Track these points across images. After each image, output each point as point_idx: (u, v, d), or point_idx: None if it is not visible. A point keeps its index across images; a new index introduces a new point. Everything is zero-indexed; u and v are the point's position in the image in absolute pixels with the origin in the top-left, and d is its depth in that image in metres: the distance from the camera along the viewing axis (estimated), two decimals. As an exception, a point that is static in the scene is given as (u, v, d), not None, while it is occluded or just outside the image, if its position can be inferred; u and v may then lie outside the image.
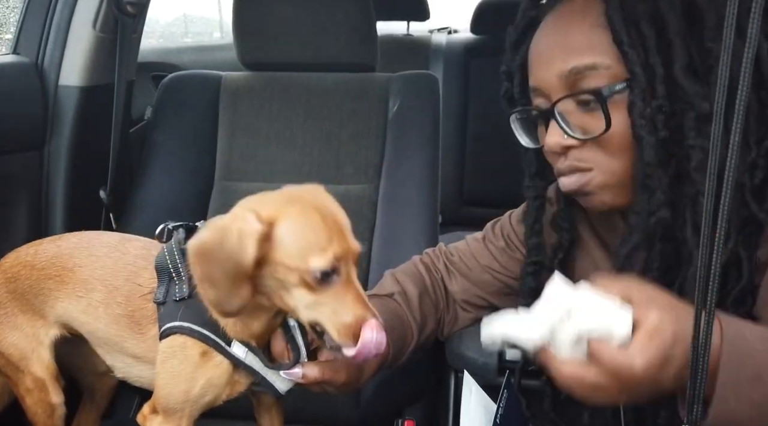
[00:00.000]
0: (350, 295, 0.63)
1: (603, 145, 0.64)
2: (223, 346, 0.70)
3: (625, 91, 0.61)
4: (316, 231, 0.63)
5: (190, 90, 1.35)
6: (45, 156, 1.21)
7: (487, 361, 0.84)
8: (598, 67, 0.62)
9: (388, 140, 1.27)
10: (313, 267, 0.61)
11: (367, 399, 1.12)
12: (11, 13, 1.61)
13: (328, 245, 0.62)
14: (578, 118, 0.64)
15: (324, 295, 0.63)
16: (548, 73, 0.65)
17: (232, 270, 0.62)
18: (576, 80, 0.63)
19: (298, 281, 0.63)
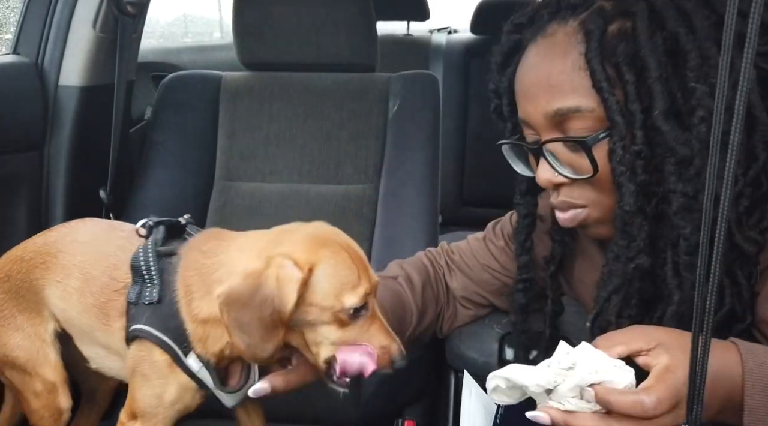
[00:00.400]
0: (375, 326, 0.67)
1: (593, 184, 0.64)
2: (179, 355, 0.70)
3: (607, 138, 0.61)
4: (348, 271, 0.65)
5: (190, 90, 1.35)
6: (45, 156, 1.21)
7: (487, 361, 0.84)
8: (583, 109, 0.61)
9: (388, 140, 1.27)
10: (348, 305, 0.64)
11: (367, 399, 1.12)
12: (11, 13, 1.62)
13: (359, 283, 0.65)
14: (567, 156, 0.65)
15: (351, 330, 0.65)
16: (534, 111, 0.65)
17: (268, 317, 0.62)
18: (561, 121, 0.63)
19: (330, 319, 0.65)
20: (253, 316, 0.63)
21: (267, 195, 1.28)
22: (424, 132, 1.26)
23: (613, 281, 0.64)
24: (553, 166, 0.65)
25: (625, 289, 0.63)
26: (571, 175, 0.64)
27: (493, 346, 0.85)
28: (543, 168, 0.66)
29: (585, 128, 0.62)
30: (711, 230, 0.47)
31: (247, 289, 0.63)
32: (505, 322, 0.88)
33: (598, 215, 0.66)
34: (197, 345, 0.70)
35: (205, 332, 0.70)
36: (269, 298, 0.62)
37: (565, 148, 0.64)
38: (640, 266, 0.61)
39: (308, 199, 1.27)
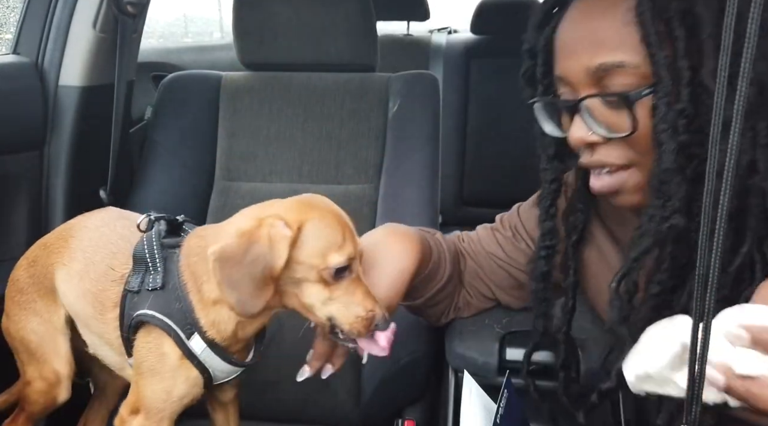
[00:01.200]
0: (360, 290, 0.69)
1: (630, 144, 0.62)
2: (181, 336, 0.72)
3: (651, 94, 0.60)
4: (334, 232, 0.68)
5: (190, 90, 1.35)
6: (45, 156, 1.21)
7: (487, 361, 0.84)
8: (627, 65, 0.60)
9: (388, 140, 1.27)
10: (332, 263, 0.67)
11: (367, 399, 1.12)
12: (11, 13, 1.62)
13: (344, 244, 0.68)
14: (604, 114, 0.63)
15: (337, 290, 0.68)
16: (575, 65, 0.64)
17: (259, 274, 0.65)
18: (603, 76, 0.61)
19: (316, 278, 0.68)
20: (245, 273, 0.65)
21: (267, 195, 1.27)
22: (424, 132, 1.26)
23: (645, 241, 0.61)
24: (588, 124, 0.63)
25: (657, 251, 0.61)
26: (607, 134, 0.62)
27: (493, 346, 0.84)
28: (577, 126, 0.64)
29: (626, 85, 0.60)
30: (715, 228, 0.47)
31: (240, 246, 0.66)
32: (506, 322, 0.88)
33: (636, 180, 0.64)
34: (210, 329, 0.72)
35: (217, 314, 0.72)
36: (261, 255, 0.65)
37: (602, 105, 0.62)
38: (674, 227, 0.59)
39: (308, 199, 1.27)
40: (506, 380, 0.73)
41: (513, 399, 0.72)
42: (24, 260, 0.90)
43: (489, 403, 0.75)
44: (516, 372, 0.81)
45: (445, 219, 2.09)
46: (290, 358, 1.18)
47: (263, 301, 0.66)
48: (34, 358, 0.87)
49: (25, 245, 1.19)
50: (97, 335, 0.81)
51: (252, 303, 0.66)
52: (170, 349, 0.73)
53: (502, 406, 0.70)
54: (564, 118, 0.70)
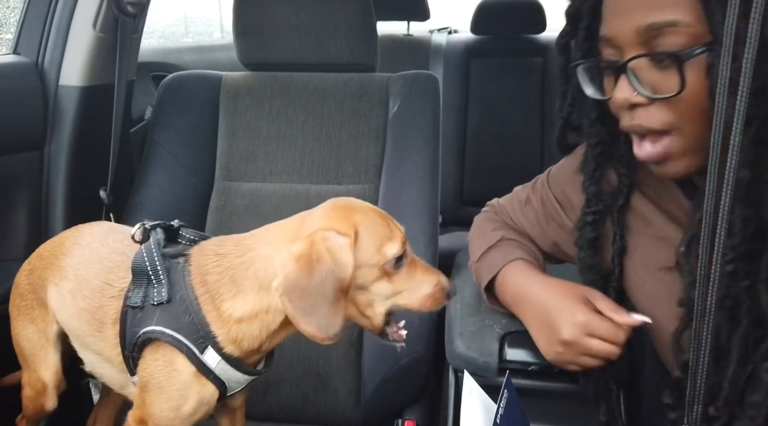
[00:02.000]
0: (419, 269, 0.71)
1: (673, 105, 0.61)
2: (194, 351, 0.69)
3: (704, 53, 0.58)
4: (382, 226, 0.69)
5: (190, 90, 1.35)
6: (45, 156, 1.21)
7: (487, 361, 0.83)
8: (679, 24, 0.59)
9: (388, 140, 1.27)
10: (391, 254, 0.67)
11: (367, 399, 1.12)
12: (11, 14, 1.62)
13: (393, 234, 0.69)
14: (650, 74, 0.62)
15: (399, 280, 0.69)
16: (624, 25, 0.62)
17: (331, 291, 0.64)
18: (653, 36, 0.60)
19: (379, 275, 0.68)
20: (317, 296, 0.63)
21: (267, 195, 1.28)
22: (424, 132, 1.26)
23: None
24: (634, 85, 0.62)
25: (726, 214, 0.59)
26: (652, 95, 0.61)
27: (493, 346, 0.84)
28: (621, 86, 0.63)
29: (676, 44, 0.59)
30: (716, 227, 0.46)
31: (303, 271, 0.63)
32: (505, 322, 0.88)
33: (683, 143, 0.62)
34: (229, 345, 0.70)
35: (240, 331, 0.69)
36: (328, 272, 0.63)
37: (650, 66, 0.61)
38: (740, 180, 0.56)
39: (308, 199, 1.27)
40: (506, 380, 0.73)
41: (513, 399, 0.72)
42: (26, 265, 0.91)
43: (489, 403, 0.75)
44: (516, 372, 0.81)
45: (445, 219, 2.09)
46: (291, 359, 1.18)
47: (341, 317, 0.65)
48: (26, 364, 0.87)
49: (25, 245, 1.20)
50: (95, 353, 0.79)
51: (332, 323, 0.64)
52: (183, 365, 0.69)
53: (502, 406, 0.69)
54: (607, 80, 0.68)
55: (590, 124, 0.75)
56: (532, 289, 0.80)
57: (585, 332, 0.72)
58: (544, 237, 0.91)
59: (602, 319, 0.72)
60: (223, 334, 0.69)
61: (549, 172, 0.93)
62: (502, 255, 0.87)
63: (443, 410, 0.97)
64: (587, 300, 0.75)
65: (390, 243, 0.68)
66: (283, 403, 1.17)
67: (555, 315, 0.75)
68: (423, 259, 1.12)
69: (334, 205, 0.73)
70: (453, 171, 2.20)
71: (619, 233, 0.78)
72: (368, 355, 1.13)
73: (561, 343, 0.73)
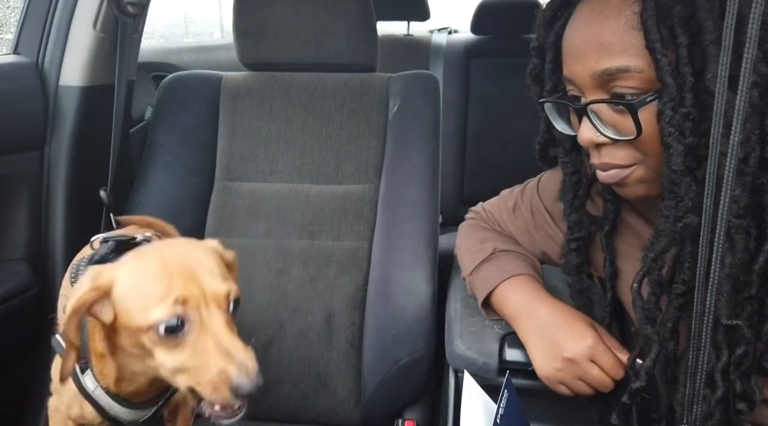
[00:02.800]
0: (209, 344, 0.55)
1: (636, 145, 0.64)
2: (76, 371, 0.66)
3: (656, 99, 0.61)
4: (151, 279, 0.56)
5: (190, 90, 1.35)
6: (45, 156, 1.21)
7: (487, 361, 0.83)
8: (631, 70, 0.61)
9: (389, 140, 1.27)
10: (155, 319, 0.54)
11: (367, 399, 1.12)
12: (12, 14, 1.62)
13: (168, 290, 0.55)
14: (610, 116, 0.65)
15: (184, 352, 0.56)
16: (581, 69, 0.65)
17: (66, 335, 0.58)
18: (609, 80, 0.63)
19: (154, 342, 0.56)
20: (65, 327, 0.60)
21: (267, 195, 1.28)
22: (425, 132, 1.26)
23: (662, 241, 0.63)
24: (595, 126, 0.65)
25: (676, 250, 0.63)
26: (614, 136, 0.64)
27: (493, 346, 0.84)
28: (585, 127, 0.66)
29: (631, 88, 0.62)
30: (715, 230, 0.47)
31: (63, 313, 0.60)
32: (505, 323, 0.88)
33: (640, 175, 0.66)
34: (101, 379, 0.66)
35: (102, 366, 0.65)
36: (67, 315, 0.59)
37: (609, 109, 0.64)
38: (688, 225, 0.61)
39: (309, 199, 1.27)
40: (506, 380, 0.73)
41: (513, 399, 0.72)
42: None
43: (489, 403, 0.75)
44: (516, 372, 0.81)
45: (445, 219, 2.08)
46: (291, 359, 1.18)
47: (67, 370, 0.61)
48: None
49: (25, 245, 1.20)
50: None
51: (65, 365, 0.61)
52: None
53: (503, 406, 0.70)
54: (573, 117, 0.71)
55: (565, 153, 0.78)
56: (536, 306, 0.80)
57: (589, 357, 0.73)
58: (533, 244, 0.92)
59: (608, 350, 0.73)
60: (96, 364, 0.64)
61: (539, 180, 0.93)
62: (497, 269, 0.87)
63: (443, 410, 0.97)
64: (595, 327, 0.76)
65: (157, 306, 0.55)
66: (284, 403, 1.17)
67: (561, 333, 0.75)
68: (423, 259, 1.14)
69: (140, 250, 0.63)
70: (453, 171, 2.20)
71: (608, 258, 0.79)
72: (368, 356, 1.13)
73: (563, 360, 0.73)
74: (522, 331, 0.80)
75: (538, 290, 0.83)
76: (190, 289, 0.56)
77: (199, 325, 0.56)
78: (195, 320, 0.56)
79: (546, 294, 0.82)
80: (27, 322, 1.19)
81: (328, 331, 1.18)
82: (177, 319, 0.55)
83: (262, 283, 1.22)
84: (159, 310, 0.54)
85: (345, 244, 1.23)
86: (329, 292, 1.20)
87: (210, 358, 0.55)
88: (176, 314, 0.55)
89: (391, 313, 1.12)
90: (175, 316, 0.55)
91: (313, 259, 1.22)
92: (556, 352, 0.74)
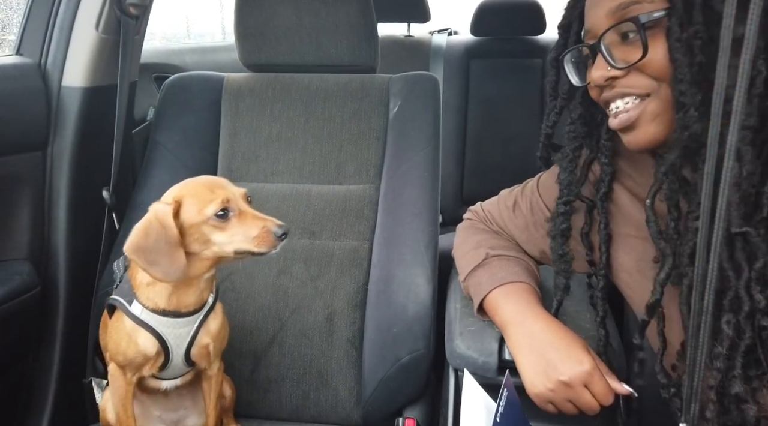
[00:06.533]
0: (248, 217, 0.86)
1: (647, 71, 0.66)
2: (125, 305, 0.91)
3: (664, 19, 0.64)
4: (202, 194, 0.86)
5: (192, 91, 1.35)
6: (48, 156, 1.22)
7: (486, 360, 0.84)
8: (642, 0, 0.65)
9: (389, 141, 1.28)
10: (208, 213, 0.85)
11: (367, 398, 1.13)
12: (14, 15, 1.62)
13: (214, 197, 0.85)
14: (622, 50, 0.68)
15: (230, 228, 0.86)
16: (599, 11, 0.69)
17: (165, 246, 0.83)
18: (622, 15, 0.66)
19: (211, 229, 0.85)
20: (155, 252, 0.83)
21: (269, 195, 1.29)
22: (425, 132, 1.27)
23: (672, 154, 0.65)
24: (606, 59, 0.68)
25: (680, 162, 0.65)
26: (624, 65, 0.67)
27: (493, 345, 0.85)
28: (598, 65, 0.70)
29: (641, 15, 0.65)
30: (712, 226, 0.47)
31: (140, 237, 0.84)
32: (505, 322, 0.88)
33: (653, 108, 0.67)
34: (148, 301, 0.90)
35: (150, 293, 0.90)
36: (159, 234, 0.83)
37: (619, 42, 0.68)
38: (694, 134, 0.62)
39: (309, 200, 1.27)
40: (506, 379, 0.73)
41: (513, 398, 0.73)
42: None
43: (489, 402, 0.76)
44: (515, 371, 0.81)
45: (445, 219, 2.09)
46: (292, 357, 1.19)
47: (181, 264, 0.84)
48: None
49: (27, 245, 1.20)
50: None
51: (173, 269, 0.84)
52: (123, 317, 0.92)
53: (502, 405, 0.70)
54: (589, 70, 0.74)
55: (571, 121, 0.81)
56: (530, 320, 0.80)
57: (584, 382, 0.73)
58: (532, 243, 0.92)
59: (602, 377, 0.74)
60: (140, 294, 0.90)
61: (539, 178, 0.94)
62: (488, 276, 0.87)
63: (443, 409, 0.98)
64: (590, 352, 0.76)
65: (209, 205, 0.84)
66: (285, 401, 1.18)
67: (557, 355, 0.75)
68: (423, 258, 1.15)
69: (179, 183, 0.90)
70: (453, 171, 2.20)
71: (603, 221, 0.81)
72: (369, 354, 1.14)
73: (557, 382, 0.73)
74: (512, 342, 0.80)
75: (531, 302, 0.83)
76: (226, 193, 0.87)
77: (237, 211, 0.86)
78: (234, 208, 0.86)
79: (539, 307, 0.82)
80: (30, 322, 1.20)
81: (329, 331, 1.18)
82: (224, 209, 0.85)
83: (264, 282, 1.22)
84: (211, 207, 0.85)
85: (346, 244, 1.23)
86: (330, 292, 1.20)
87: (251, 223, 0.86)
88: (223, 207, 0.85)
89: (392, 312, 1.12)
90: (222, 208, 0.85)
91: (314, 259, 1.22)
92: (551, 372, 0.74)
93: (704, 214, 0.51)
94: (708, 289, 0.50)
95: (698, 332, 0.52)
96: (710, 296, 0.50)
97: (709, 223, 0.50)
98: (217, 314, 0.97)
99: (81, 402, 1.16)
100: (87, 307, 1.24)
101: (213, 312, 0.96)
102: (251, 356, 1.19)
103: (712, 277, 0.51)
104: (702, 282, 0.51)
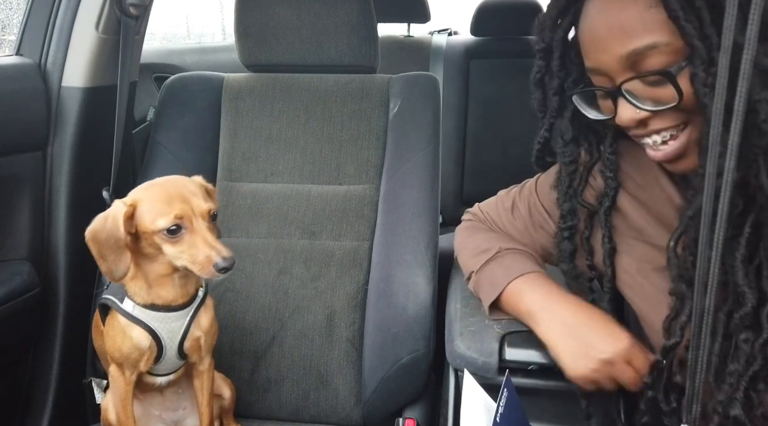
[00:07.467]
0: (198, 240, 0.85)
1: (679, 111, 0.65)
2: (117, 303, 0.92)
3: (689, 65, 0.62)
4: (158, 203, 0.85)
5: (192, 91, 1.35)
6: (48, 157, 1.22)
7: (487, 360, 0.84)
8: (659, 45, 0.63)
9: (389, 141, 1.28)
10: (159, 226, 0.84)
11: (368, 398, 1.13)
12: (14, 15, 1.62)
13: (169, 210, 0.84)
14: (645, 92, 0.66)
15: (179, 245, 0.85)
16: (607, 57, 0.66)
17: (114, 244, 0.84)
18: (637, 61, 0.64)
19: (162, 240, 0.85)
20: (105, 246, 0.84)
21: (269, 195, 1.29)
22: (425, 133, 1.27)
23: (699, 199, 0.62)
24: (633, 103, 0.66)
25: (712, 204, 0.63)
26: (654, 108, 0.65)
27: (493, 345, 0.85)
28: (623, 107, 0.67)
29: (660, 62, 0.63)
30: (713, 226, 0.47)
31: (97, 227, 0.85)
32: (505, 323, 0.88)
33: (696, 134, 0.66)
34: (138, 297, 0.92)
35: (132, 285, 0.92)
36: (109, 231, 0.84)
37: (642, 85, 0.65)
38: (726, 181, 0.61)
39: (309, 200, 1.27)
40: (506, 379, 0.73)
41: (513, 398, 0.73)
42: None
43: (489, 403, 0.76)
44: (516, 371, 0.81)
45: (445, 219, 2.09)
46: (292, 357, 1.19)
47: (124, 265, 0.85)
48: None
49: (27, 245, 1.20)
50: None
51: (117, 267, 0.85)
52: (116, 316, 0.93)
53: (502, 405, 0.70)
54: (602, 102, 0.72)
55: (564, 144, 0.79)
56: (558, 305, 0.80)
57: (625, 358, 0.73)
58: (533, 244, 0.92)
59: (642, 351, 0.74)
60: (128, 289, 0.92)
61: (537, 179, 0.94)
62: (504, 268, 0.87)
63: (443, 409, 0.98)
64: (623, 328, 0.76)
65: (161, 218, 0.84)
66: (285, 401, 1.18)
67: (594, 335, 0.75)
68: (423, 258, 1.15)
69: (147, 183, 0.90)
70: (453, 171, 2.20)
71: (607, 235, 0.80)
72: (369, 355, 1.14)
73: (600, 361, 0.73)
74: (543, 330, 0.80)
75: (554, 287, 0.82)
76: (183, 208, 0.85)
77: (190, 229, 0.85)
78: (187, 226, 0.85)
79: (564, 292, 0.82)
80: (30, 322, 1.20)
81: (329, 331, 1.18)
82: (175, 225, 0.84)
83: (264, 282, 1.22)
84: (163, 220, 0.84)
85: (346, 244, 1.23)
86: (330, 292, 1.20)
87: (200, 247, 0.85)
88: (175, 223, 0.84)
89: (392, 312, 1.12)
90: (174, 224, 0.84)
91: (314, 259, 1.22)
92: (592, 353, 0.74)
93: (705, 216, 0.51)
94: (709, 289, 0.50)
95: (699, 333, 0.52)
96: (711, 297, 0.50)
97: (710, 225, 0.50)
98: (208, 309, 0.98)
99: (81, 402, 1.16)
100: (87, 307, 1.24)
101: (204, 306, 0.97)
102: (251, 356, 1.19)
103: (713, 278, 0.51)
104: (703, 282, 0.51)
